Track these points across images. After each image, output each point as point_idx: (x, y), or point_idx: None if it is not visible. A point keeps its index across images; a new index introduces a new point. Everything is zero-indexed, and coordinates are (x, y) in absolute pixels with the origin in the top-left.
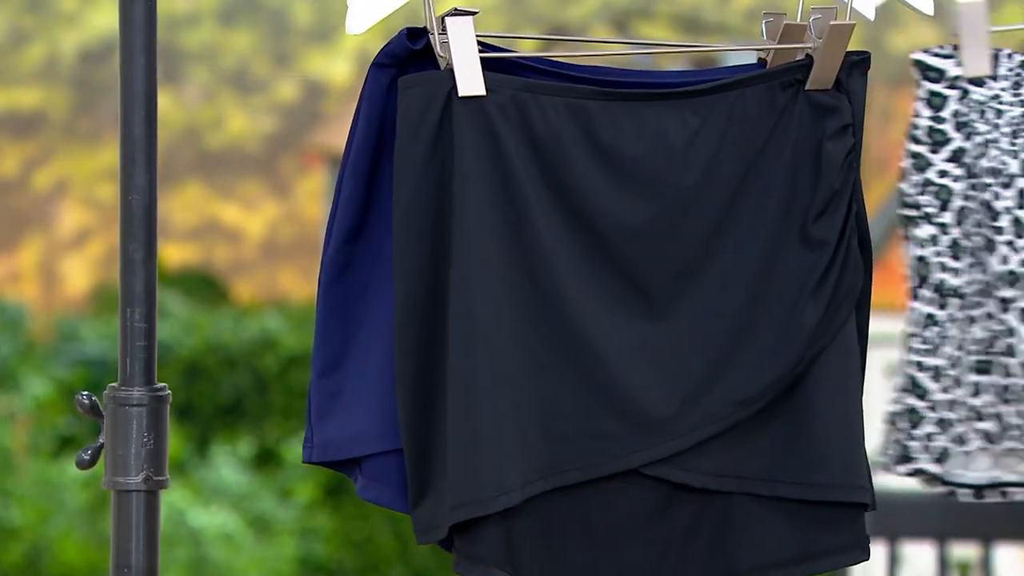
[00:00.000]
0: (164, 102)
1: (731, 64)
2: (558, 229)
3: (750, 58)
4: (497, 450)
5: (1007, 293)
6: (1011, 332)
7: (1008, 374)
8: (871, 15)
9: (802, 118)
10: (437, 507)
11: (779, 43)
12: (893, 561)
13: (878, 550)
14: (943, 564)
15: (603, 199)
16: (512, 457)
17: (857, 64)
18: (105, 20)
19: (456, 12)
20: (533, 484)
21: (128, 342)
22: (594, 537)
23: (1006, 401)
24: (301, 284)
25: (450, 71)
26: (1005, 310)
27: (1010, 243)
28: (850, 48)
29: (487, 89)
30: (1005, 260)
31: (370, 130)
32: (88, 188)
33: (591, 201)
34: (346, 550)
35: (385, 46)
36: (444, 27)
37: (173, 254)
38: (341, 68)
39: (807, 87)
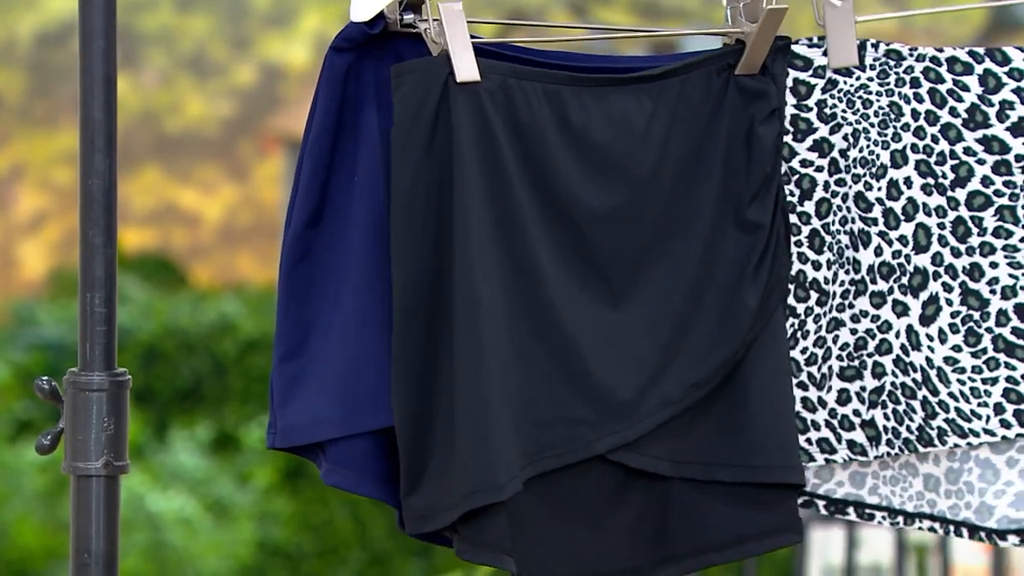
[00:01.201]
0: (121, 86)
1: (690, 49)
2: (539, 216)
3: (711, 44)
4: (504, 435)
5: (881, 286)
6: (887, 326)
7: (881, 374)
8: None
9: (734, 103)
10: (435, 496)
11: (737, 27)
12: (851, 544)
13: (837, 533)
14: (901, 547)
15: (576, 185)
16: (513, 441)
17: (781, 49)
18: (62, 3)
19: None
20: (525, 470)
21: (88, 327)
22: (563, 522)
23: (875, 404)
24: (259, 268)
25: (445, 57)
26: (879, 305)
27: (883, 234)
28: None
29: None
30: (879, 251)
31: (328, 115)
32: (45, 172)
33: (566, 188)
34: (304, 534)
35: (342, 31)
36: (422, 12)
37: (131, 238)
38: (299, 52)
39: (737, 72)
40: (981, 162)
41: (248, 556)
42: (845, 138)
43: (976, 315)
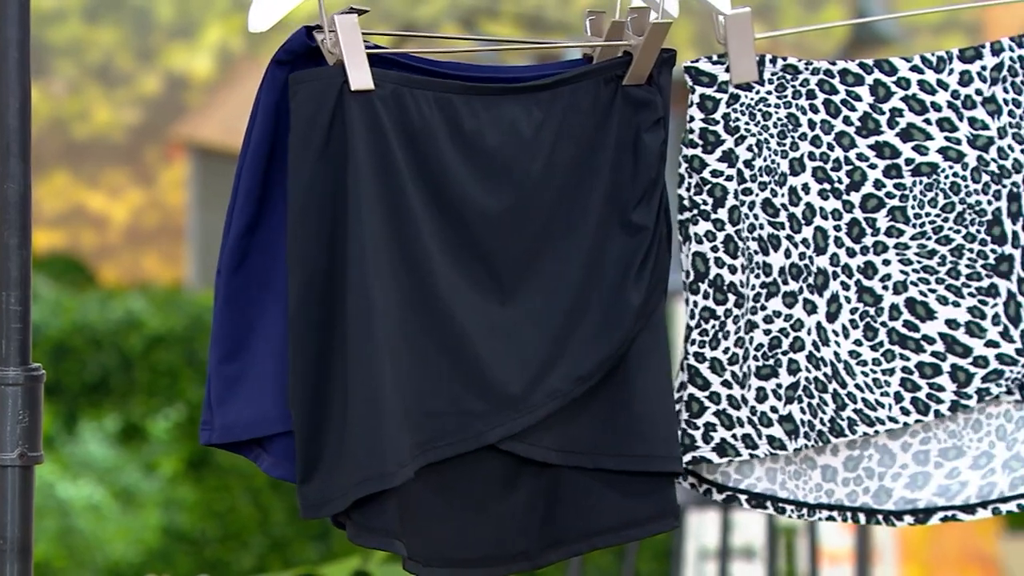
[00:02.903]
0: (32, 95)
1: (570, 60)
2: (430, 217)
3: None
4: (394, 425)
5: (792, 287)
6: (800, 324)
7: (796, 370)
8: (675, 11)
9: (622, 112)
10: (328, 483)
11: (606, 40)
12: (726, 528)
13: (712, 517)
14: (772, 530)
15: (466, 187)
16: (404, 432)
17: (666, 61)
18: None
19: (353, 10)
20: (417, 459)
21: (4, 325)
22: (457, 509)
23: (792, 400)
24: (164, 268)
25: (341, 66)
26: (792, 304)
27: (790, 237)
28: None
29: (373, 83)
30: (788, 254)
31: (267, 124)
32: None
33: (456, 190)
34: (208, 520)
35: (285, 43)
36: (333, 24)
37: (41, 240)
38: (202, 63)
39: (625, 82)
40: (873, 167)
41: (154, 541)
42: (749, 149)
43: (871, 311)
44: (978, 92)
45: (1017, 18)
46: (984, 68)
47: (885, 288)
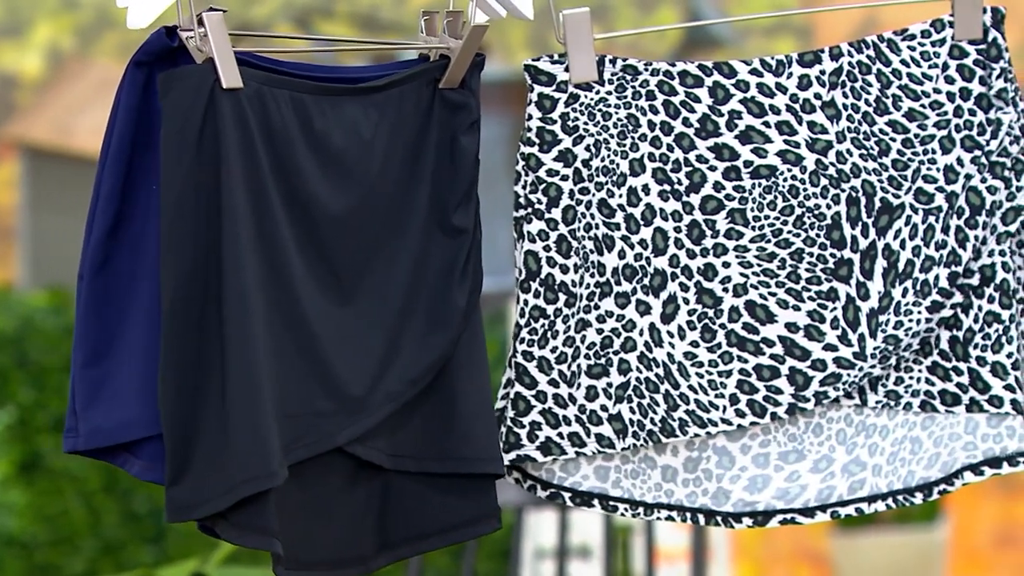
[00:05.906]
0: None
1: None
2: (288, 218)
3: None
4: (271, 425)
5: (625, 287)
6: (632, 325)
7: (627, 370)
8: (530, 14)
9: (440, 115)
10: (204, 484)
11: (453, 40)
12: (563, 527)
13: (550, 517)
14: (609, 529)
15: (317, 188)
16: (277, 432)
17: (478, 65)
18: None
19: (212, 10)
20: (284, 459)
21: None
22: (307, 511)
23: (621, 399)
24: None
25: (211, 64)
26: (624, 305)
27: (625, 238)
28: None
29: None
30: (623, 254)
31: (128, 126)
32: None
33: (309, 190)
34: (39, 524)
35: (144, 44)
36: (200, 23)
37: None
38: (32, 62)
39: (441, 85)
40: (713, 168)
41: None
42: (587, 149)
43: (711, 312)
44: (817, 96)
45: (847, 22)
46: (823, 72)
47: (725, 290)
